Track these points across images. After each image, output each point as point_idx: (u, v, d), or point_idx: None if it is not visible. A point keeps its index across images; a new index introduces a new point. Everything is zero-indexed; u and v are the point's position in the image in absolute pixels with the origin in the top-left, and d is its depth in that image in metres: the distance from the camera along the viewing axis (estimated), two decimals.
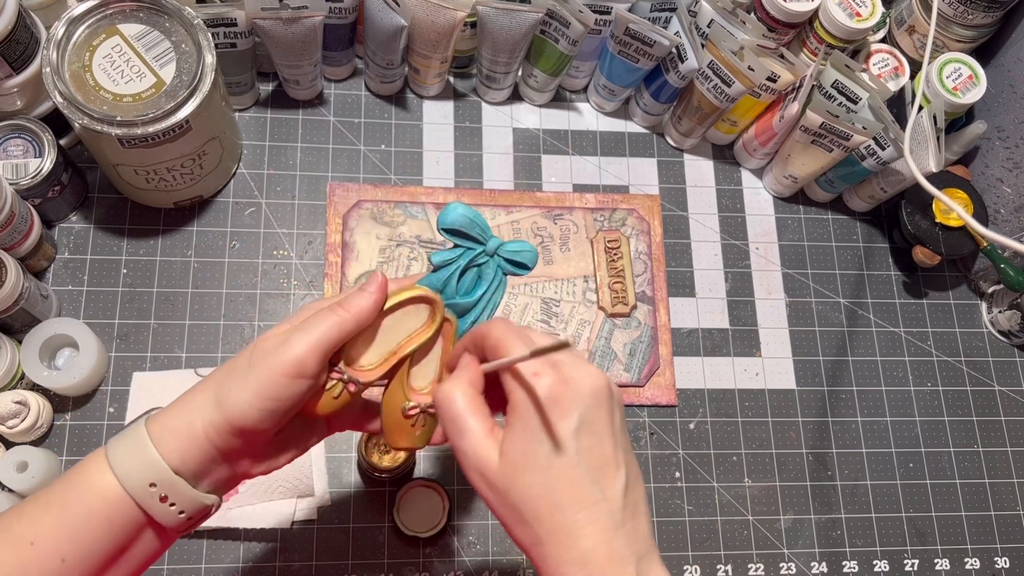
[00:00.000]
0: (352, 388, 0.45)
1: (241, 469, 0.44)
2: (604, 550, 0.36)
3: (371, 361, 0.46)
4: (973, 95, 0.78)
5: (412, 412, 0.46)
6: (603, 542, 0.36)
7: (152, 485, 0.40)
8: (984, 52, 0.83)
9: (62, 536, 0.39)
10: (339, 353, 0.44)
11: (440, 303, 0.46)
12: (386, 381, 0.47)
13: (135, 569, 0.42)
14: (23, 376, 0.67)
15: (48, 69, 0.63)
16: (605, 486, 0.37)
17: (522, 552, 0.41)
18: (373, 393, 0.46)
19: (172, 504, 0.40)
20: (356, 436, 0.72)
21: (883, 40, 0.83)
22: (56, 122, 0.70)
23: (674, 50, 0.76)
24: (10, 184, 0.66)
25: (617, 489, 0.37)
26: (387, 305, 0.45)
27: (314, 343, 0.41)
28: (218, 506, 0.44)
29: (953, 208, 0.62)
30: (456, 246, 0.47)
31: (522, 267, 0.49)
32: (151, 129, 0.63)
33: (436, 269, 0.47)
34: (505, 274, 0.49)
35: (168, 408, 0.42)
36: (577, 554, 0.36)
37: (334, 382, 0.44)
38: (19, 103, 0.69)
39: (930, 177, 0.71)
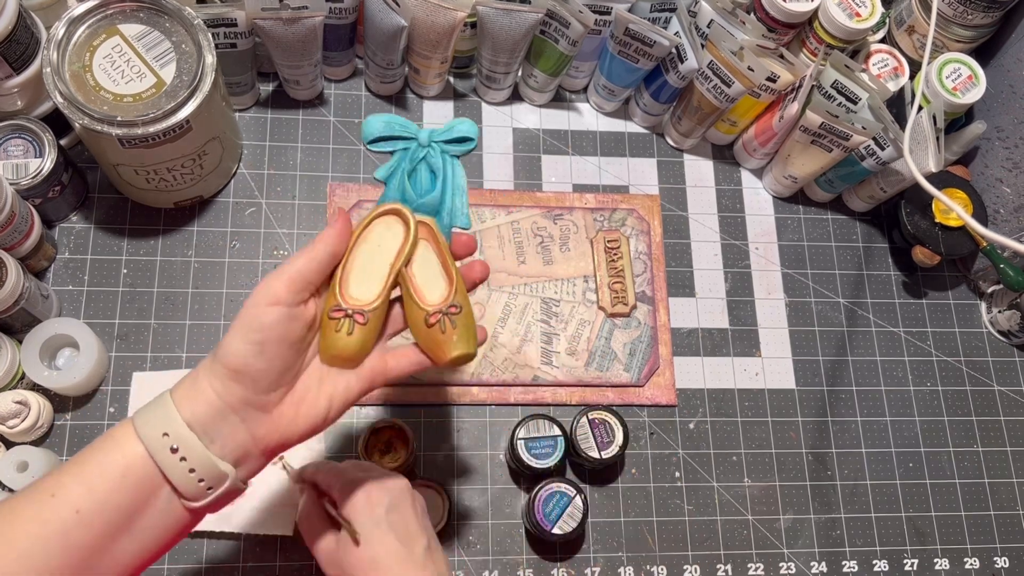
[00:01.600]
0: (360, 319, 0.45)
1: (257, 431, 0.45)
2: None
3: (372, 292, 0.47)
4: (973, 95, 0.78)
5: (433, 319, 0.47)
6: None
7: (165, 435, 0.42)
8: (984, 52, 0.83)
9: (78, 487, 0.41)
10: (337, 297, 0.46)
11: (405, 209, 0.47)
12: (401, 308, 0.48)
13: (156, 541, 0.43)
14: (23, 376, 0.67)
15: (48, 69, 0.63)
16: (412, 547, 0.51)
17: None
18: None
19: (183, 459, 0.42)
20: (356, 436, 0.72)
21: (883, 40, 0.83)
22: (56, 122, 0.70)
23: (674, 50, 0.76)
24: (10, 184, 0.66)
25: (420, 548, 0.52)
26: (356, 232, 0.47)
27: (282, 272, 0.45)
28: (243, 487, 0.45)
29: (953, 208, 0.62)
30: (392, 154, 0.48)
31: (465, 141, 0.49)
32: (151, 129, 0.63)
33: (386, 184, 0.48)
34: (452, 156, 0.49)
35: (188, 375, 0.45)
36: None
37: (339, 319, 0.45)
38: (19, 103, 0.69)
39: (930, 177, 0.71)
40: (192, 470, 0.42)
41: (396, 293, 0.49)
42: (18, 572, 0.39)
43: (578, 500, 0.67)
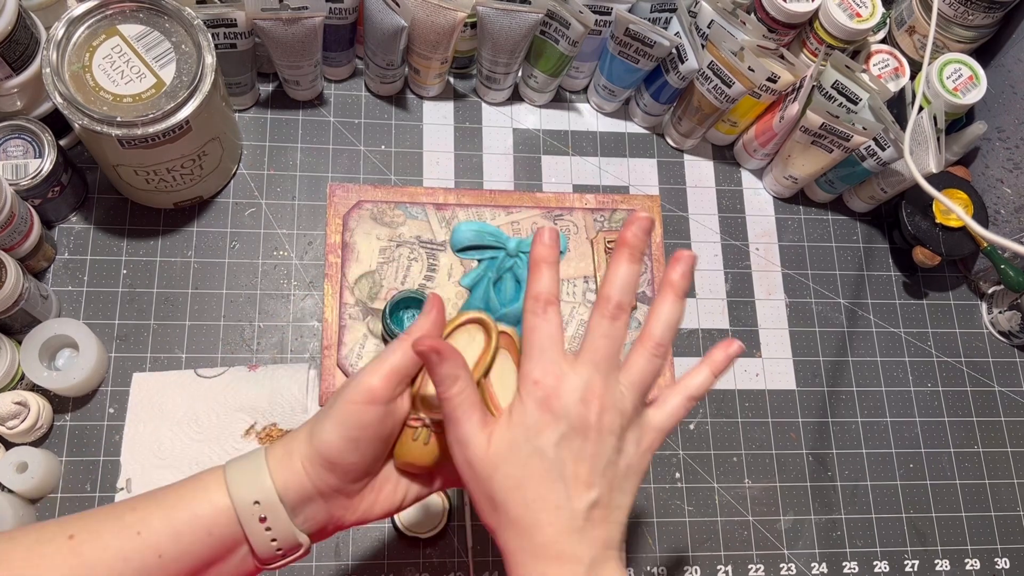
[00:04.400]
0: (438, 429, 0.46)
1: (337, 512, 0.45)
2: (556, 548, 0.41)
3: None
4: (973, 96, 0.78)
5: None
6: (557, 541, 0.41)
7: (256, 503, 0.42)
8: (984, 53, 0.83)
9: (165, 533, 0.41)
10: (417, 404, 0.46)
11: (488, 318, 0.47)
12: None
13: None
14: (23, 377, 0.67)
15: (48, 70, 0.63)
16: (572, 496, 0.41)
17: (490, 534, 0.45)
18: None
19: (268, 528, 0.42)
20: None
21: (883, 41, 0.83)
22: (56, 122, 0.70)
23: (674, 51, 0.76)
24: (10, 184, 0.66)
25: (582, 502, 0.41)
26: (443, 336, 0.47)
27: (380, 368, 0.44)
28: (308, 549, 0.45)
29: (953, 209, 0.62)
30: (479, 261, 0.47)
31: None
32: (151, 130, 0.63)
33: (471, 291, 0.47)
34: None
35: (281, 439, 0.45)
36: (534, 546, 0.41)
37: (416, 427, 0.46)
38: (19, 104, 0.69)
39: (930, 178, 0.71)
40: (274, 539, 0.43)
41: None
42: None
43: None
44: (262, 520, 0.42)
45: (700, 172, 0.86)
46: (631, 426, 0.44)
